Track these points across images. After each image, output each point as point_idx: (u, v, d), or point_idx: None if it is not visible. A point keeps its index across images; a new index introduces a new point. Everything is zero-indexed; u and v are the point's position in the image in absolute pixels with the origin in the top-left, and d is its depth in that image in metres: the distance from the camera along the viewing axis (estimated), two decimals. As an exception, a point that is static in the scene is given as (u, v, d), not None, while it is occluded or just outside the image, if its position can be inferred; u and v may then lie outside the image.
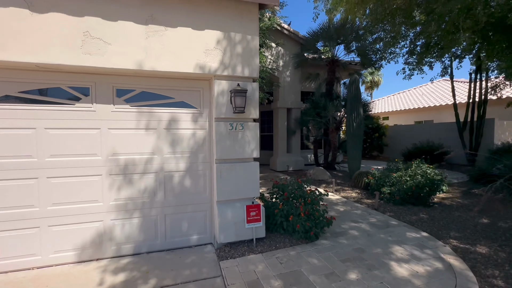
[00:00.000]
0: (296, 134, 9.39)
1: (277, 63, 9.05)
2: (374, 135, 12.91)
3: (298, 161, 9.40)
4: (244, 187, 3.29)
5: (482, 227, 3.88)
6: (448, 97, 14.75)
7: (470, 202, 5.11)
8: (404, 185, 4.97)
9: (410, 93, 19.72)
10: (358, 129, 7.00)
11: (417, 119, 16.10)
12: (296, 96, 9.41)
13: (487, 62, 8.51)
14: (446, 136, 10.67)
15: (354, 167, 7.09)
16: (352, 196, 5.64)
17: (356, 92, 7.01)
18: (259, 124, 11.03)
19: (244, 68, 3.20)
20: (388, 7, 7.79)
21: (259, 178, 7.44)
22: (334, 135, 8.26)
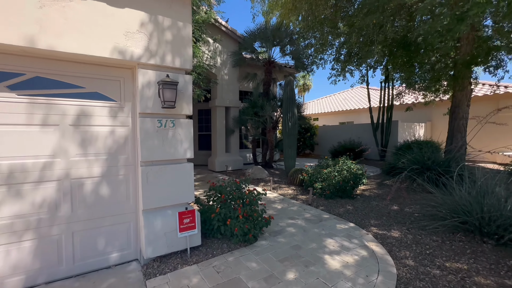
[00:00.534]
0: (235, 133, 9.29)
1: (214, 59, 8.74)
2: (307, 134, 13.92)
3: (237, 160, 9.31)
4: (177, 192, 2.93)
5: (394, 213, 4.49)
6: (365, 101, 17.12)
7: (383, 192, 5.91)
8: (333, 180, 5.39)
9: (336, 97, 22.17)
10: (293, 129, 7.33)
11: (341, 120, 18.17)
12: (234, 94, 9.30)
13: (393, 73, 10.12)
14: (363, 136, 12.30)
15: (290, 165, 7.41)
16: (288, 193, 5.83)
17: (291, 93, 7.33)
18: (196, 122, 10.48)
19: (175, 58, 2.84)
20: (317, 16, 8.43)
21: (196, 180, 7.00)
22: (272, 134, 8.49)
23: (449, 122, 7.43)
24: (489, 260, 2.82)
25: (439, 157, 6.44)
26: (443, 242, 3.29)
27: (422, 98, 9.38)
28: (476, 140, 7.24)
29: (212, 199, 3.61)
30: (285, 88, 7.45)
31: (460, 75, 6.64)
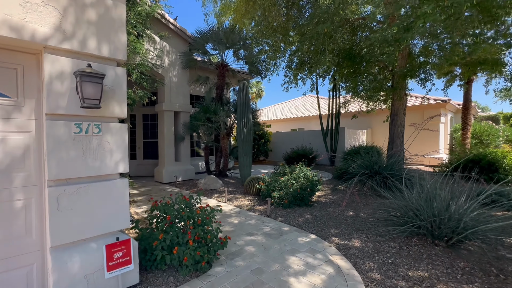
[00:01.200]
0: (186, 140, 8.54)
1: (162, 59, 7.94)
2: (261, 141, 13.84)
3: (188, 170, 8.55)
4: (104, 218, 2.25)
5: (351, 220, 4.47)
6: (315, 109, 18.01)
7: (338, 198, 5.97)
8: (291, 188, 5.20)
9: (287, 104, 22.91)
10: (248, 135, 7.01)
11: (293, 127, 18.74)
12: (184, 98, 8.59)
13: (339, 83, 10.74)
14: (314, 142, 12.77)
15: (246, 173, 7.04)
16: (245, 204, 5.43)
17: (246, 98, 7.02)
18: (140, 128, 9.35)
19: (101, 44, 2.21)
20: (270, 22, 8.41)
21: (139, 194, 6.06)
22: (226, 141, 8.03)
23: (390, 129, 8.08)
24: (444, 264, 2.86)
25: (384, 161, 6.87)
26: (401, 248, 3.29)
27: (366, 107, 10.12)
28: (407, 145, 8.06)
29: (155, 221, 2.97)
30: (239, 92, 7.12)
31: (398, 86, 7.27)
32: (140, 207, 5.28)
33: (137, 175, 9.78)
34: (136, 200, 5.81)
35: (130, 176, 9.76)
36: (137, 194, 6.42)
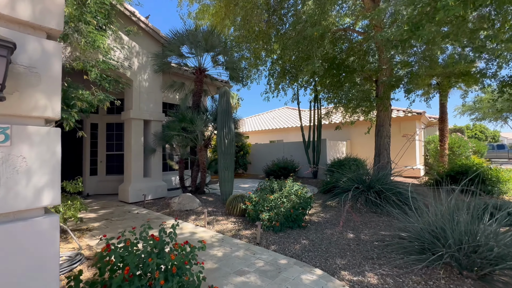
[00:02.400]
0: (157, 153, 7.50)
1: (130, 61, 6.98)
2: (240, 153, 13.08)
3: (159, 186, 7.47)
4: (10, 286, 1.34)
5: (354, 244, 3.85)
6: (293, 121, 17.78)
7: (331, 216, 5.38)
8: (282, 208, 4.49)
9: (264, 116, 22.57)
10: (230, 147, 6.25)
11: (271, 138, 18.28)
12: (156, 106, 7.63)
13: (320, 93, 10.51)
14: (295, 154, 12.32)
15: (227, 190, 6.21)
16: (228, 229, 4.58)
17: (227, 106, 6.31)
18: (103, 138, 8.13)
19: (16, 1, 1.38)
20: (252, 26, 7.92)
21: (97, 218, 4.93)
22: (203, 154, 7.16)
23: (376, 140, 7.83)
24: (487, 305, 2.31)
25: (373, 175, 6.48)
26: (426, 283, 2.71)
27: (349, 117, 9.93)
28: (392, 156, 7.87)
29: (108, 269, 2.05)
30: (220, 99, 6.38)
31: (384, 96, 7.07)
32: (95, 237, 4.18)
33: (98, 193, 8.42)
34: (91, 228, 4.68)
35: (88, 195, 8.37)
36: (93, 219, 5.25)
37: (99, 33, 4.29)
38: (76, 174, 8.48)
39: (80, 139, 8.32)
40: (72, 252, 3.24)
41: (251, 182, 10.78)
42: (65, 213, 4.03)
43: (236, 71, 7.94)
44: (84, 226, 4.73)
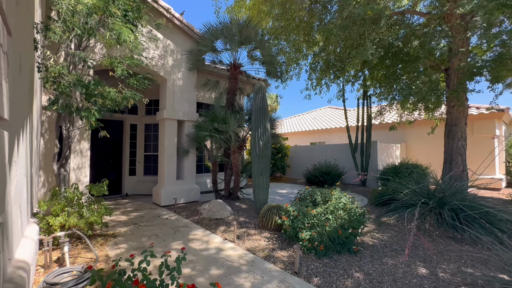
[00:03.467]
0: (190, 154, 7.19)
1: (165, 59, 6.79)
2: (277, 155, 12.31)
3: (192, 190, 7.13)
4: None
5: (429, 285, 2.79)
6: (337, 121, 16.35)
7: (390, 238, 4.27)
8: (327, 227, 3.60)
9: (305, 116, 21.39)
10: (265, 149, 5.54)
11: (312, 140, 17.09)
12: (190, 105, 7.33)
13: (371, 89, 9.15)
14: (340, 157, 11.06)
15: (262, 198, 5.51)
16: (261, 247, 3.86)
17: (262, 103, 5.62)
18: (141, 139, 8.15)
19: None
20: (292, 15, 7.12)
21: (125, 223, 4.65)
22: (237, 157, 6.58)
23: (446, 143, 6.33)
24: None
25: (446, 186, 5.11)
26: None
27: (407, 116, 8.42)
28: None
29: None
30: (255, 95, 5.73)
31: (460, 87, 5.60)
32: (117, 246, 3.85)
33: (135, 193, 8.50)
34: (117, 234, 4.41)
35: (127, 195, 8.50)
36: (123, 223, 5.04)
37: (125, 26, 3.97)
38: (117, 173, 8.72)
39: (121, 140, 8.50)
40: (80, 267, 2.87)
41: (289, 188, 9.92)
42: (89, 218, 3.78)
43: (273, 66, 7.21)
44: (110, 231, 4.50)
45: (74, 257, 3.43)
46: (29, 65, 2.94)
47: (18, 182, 2.36)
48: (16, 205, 2.32)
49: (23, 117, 2.57)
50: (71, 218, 3.64)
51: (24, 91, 2.57)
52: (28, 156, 3.17)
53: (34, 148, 4.03)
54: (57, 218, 3.54)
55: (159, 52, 6.69)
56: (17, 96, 2.24)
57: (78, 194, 3.87)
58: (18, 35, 2.21)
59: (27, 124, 2.88)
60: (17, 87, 2.22)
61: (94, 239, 4.06)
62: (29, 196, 3.49)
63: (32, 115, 3.37)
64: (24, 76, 2.52)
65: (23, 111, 2.48)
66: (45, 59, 3.49)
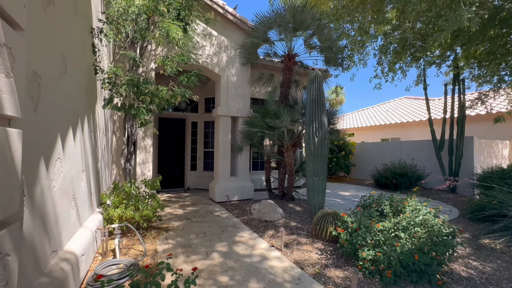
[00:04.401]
0: (244, 151, 7.06)
1: (219, 56, 6.80)
2: (340, 153, 11.17)
3: (245, 187, 7.00)
4: None
5: None
6: (416, 113, 13.88)
7: (495, 270, 3.09)
8: (398, 247, 2.79)
9: (375, 109, 19.02)
10: (321, 147, 4.88)
11: (383, 136, 15.00)
12: (244, 101, 7.18)
13: (466, 70, 7.21)
14: (420, 156, 9.23)
15: (317, 201, 4.89)
16: (311, 261, 3.32)
17: (318, 94, 4.95)
18: (201, 136, 8.49)
19: None
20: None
21: (180, 218, 4.77)
22: (291, 154, 6.08)
23: None
24: None
25: None
26: None
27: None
28: None
29: None
30: (309, 86, 5.11)
31: None
32: (167, 241, 3.92)
33: (196, 187, 8.97)
34: (170, 228, 4.55)
35: (189, 188, 9.05)
36: (178, 218, 5.22)
37: (173, 23, 3.97)
38: (180, 169, 9.38)
39: (183, 137, 9.07)
40: (129, 260, 2.94)
41: (353, 189, 8.83)
42: (142, 212, 3.96)
43: (333, 52, 6.37)
44: (165, 225, 4.68)
45: (128, 248, 3.62)
46: (85, 67, 3.16)
47: (67, 176, 2.49)
48: (65, 199, 2.45)
49: (75, 116, 2.73)
50: (127, 211, 3.87)
51: (74, 91, 2.73)
52: (89, 152, 3.45)
53: (102, 145, 4.48)
54: (116, 210, 3.81)
55: (213, 49, 6.74)
56: (61, 95, 2.34)
57: (134, 188, 4.10)
58: (60, 36, 2.29)
59: (84, 122, 3.10)
60: (60, 86, 2.31)
61: (149, 231, 4.27)
62: (95, 188, 3.85)
63: (94, 114, 3.68)
64: (73, 76, 2.67)
65: (71, 110, 2.62)
66: (102, 62, 3.77)
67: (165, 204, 6.40)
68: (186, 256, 3.40)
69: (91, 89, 3.42)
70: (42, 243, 1.94)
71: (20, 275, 1.61)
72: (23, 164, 1.64)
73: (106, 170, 4.83)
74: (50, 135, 2.06)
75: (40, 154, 1.88)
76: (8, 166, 1.32)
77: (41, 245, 1.91)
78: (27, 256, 1.70)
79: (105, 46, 3.72)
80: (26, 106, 1.65)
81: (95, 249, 3.27)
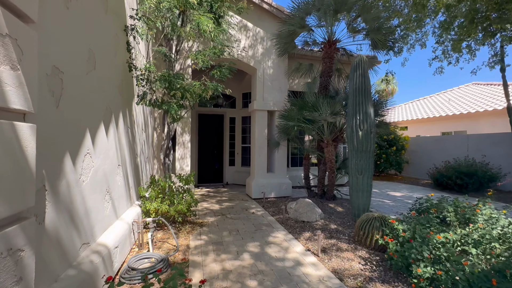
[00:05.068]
0: (281, 146, 6.76)
1: (254, 48, 6.59)
2: (390, 149, 10.03)
3: (283, 184, 6.71)
4: None
5: None
6: (487, 101, 11.74)
7: None
8: (467, 267, 2.22)
9: (433, 99, 16.72)
10: (366, 141, 4.31)
11: (445, 129, 13.08)
12: (281, 94, 6.85)
13: None
14: (493, 152, 7.72)
15: (361, 203, 4.36)
16: (352, 272, 2.90)
17: (362, 82, 4.37)
18: (239, 131, 8.45)
19: None
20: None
21: (216, 213, 4.76)
22: (331, 150, 5.57)
23: None
24: None
25: None
26: None
27: None
28: None
29: None
30: (352, 73, 4.55)
31: None
32: (200, 237, 3.89)
33: (234, 183, 9.00)
34: (205, 223, 4.55)
35: (227, 184, 9.14)
36: (213, 213, 5.22)
37: (203, 15, 3.87)
38: (219, 164, 9.52)
39: (222, 133, 9.16)
40: (160, 255, 2.95)
41: (406, 189, 7.83)
42: (177, 206, 4.00)
43: (382, 33, 5.59)
44: (200, 220, 4.70)
45: (163, 242, 3.68)
46: (119, 64, 3.24)
47: (99, 171, 2.55)
48: (98, 193, 2.51)
49: (107, 112, 2.79)
50: (163, 205, 3.95)
51: (105, 87, 2.78)
52: (126, 147, 3.57)
53: (141, 140, 4.66)
54: (152, 203, 3.92)
55: (249, 41, 6.55)
56: (89, 91, 2.37)
57: (170, 183, 4.17)
58: (87, 32, 2.31)
59: (118, 118, 3.19)
60: (88, 82, 2.34)
61: (184, 226, 4.31)
62: (133, 182, 4.01)
63: (131, 111, 3.81)
64: (104, 72, 2.72)
65: (102, 106, 2.67)
66: (138, 60, 3.86)
67: (202, 199, 6.51)
68: (217, 254, 3.29)
69: (127, 86, 3.52)
70: (70, 236, 1.98)
71: (43, 269, 1.63)
72: (44, 159, 1.64)
73: (147, 165, 5.05)
74: (77, 130, 2.09)
75: (65, 149, 1.90)
76: (19, 162, 1.29)
77: (68, 238, 1.95)
78: (51, 250, 1.73)
79: (138, 43, 3.82)
80: (45, 101, 1.65)
81: (132, 241, 3.38)
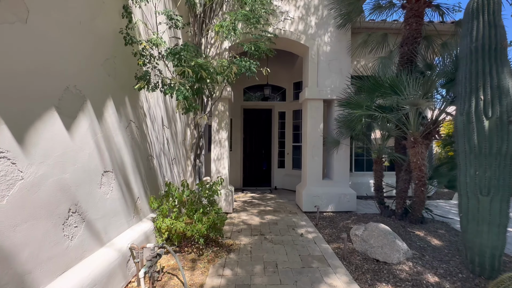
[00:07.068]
0: (342, 146, 5.17)
1: (306, 21, 5.18)
2: None
3: (343, 195, 5.11)
4: None
5: None
6: None
7: None
8: None
9: None
10: (499, 137, 2.46)
11: None
12: (341, 78, 5.24)
13: None
14: None
15: (484, 242, 2.53)
16: None
17: (490, 34, 2.52)
18: (290, 127, 7.08)
19: None
20: None
21: (253, 231, 3.61)
22: (421, 152, 3.72)
23: None
24: None
25: None
26: None
27: None
28: None
29: None
30: (467, 24, 2.71)
31: None
32: (222, 271, 2.79)
33: (284, 187, 7.74)
34: (234, 248, 3.44)
35: (276, 188, 7.90)
36: (249, 229, 4.09)
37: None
38: (267, 165, 8.39)
39: (270, 130, 8.00)
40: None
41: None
42: (194, 226, 3.00)
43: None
44: (229, 241, 3.62)
45: (172, 274, 2.72)
46: (105, 34, 2.38)
47: (48, 183, 1.67)
48: (44, 217, 1.63)
49: (65, 95, 1.92)
50: (178, 222, 3.01)
51: (68, 61, 1.89)
52: (124, 148, 2.73)
53: (160, 138, 3.85)
54: (165, 220, 3.02)
55: (299, 13, 5.18)
56: (19, 65, 1.48)
57: (187, 193, 3.20)
58: None
59: (104, 108, 2.33)
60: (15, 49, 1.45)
61: (207, 249, 3.29)
62: (143, 191, 3.18)
63: (136, 100, 2.96)
64: (54, 34, 1.83)
65: (50, 85, 1.79)
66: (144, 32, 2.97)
67: (243, 208, 5.47)
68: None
69: (125, 66, 2.65)
70: None
71: None
72: None
73: (170, 168, 4.23)
74: None
75: None
76: None
77: None
78: None
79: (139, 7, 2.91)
80: None
81: (126, 274, 2.51)
